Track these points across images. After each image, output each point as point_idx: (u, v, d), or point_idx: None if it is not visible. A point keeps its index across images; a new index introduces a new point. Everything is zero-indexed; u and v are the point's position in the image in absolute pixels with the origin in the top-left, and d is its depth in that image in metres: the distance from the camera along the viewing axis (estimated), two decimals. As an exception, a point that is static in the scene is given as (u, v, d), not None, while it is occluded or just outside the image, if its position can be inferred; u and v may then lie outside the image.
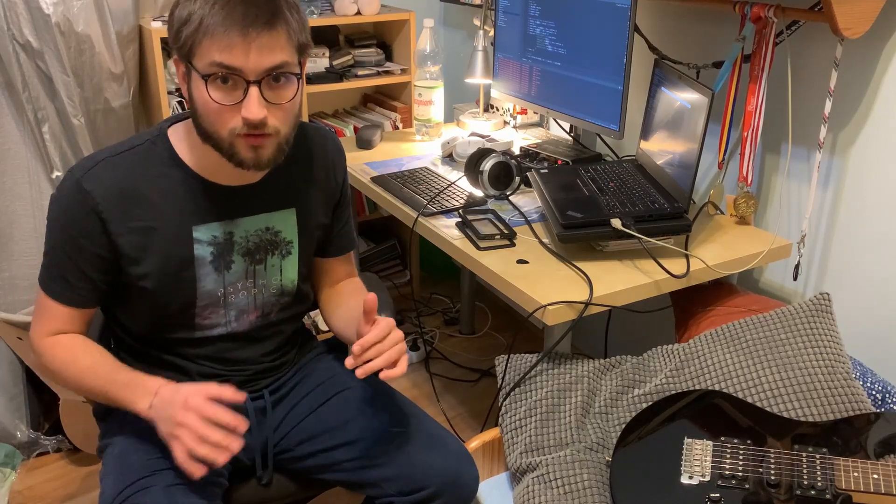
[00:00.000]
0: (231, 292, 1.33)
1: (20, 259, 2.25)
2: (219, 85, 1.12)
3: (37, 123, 2.19)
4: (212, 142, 1.18)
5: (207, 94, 1.12)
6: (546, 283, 1.52)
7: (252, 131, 1.15)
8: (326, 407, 1.41)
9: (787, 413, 1.33)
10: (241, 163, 1.18)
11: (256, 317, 1.37)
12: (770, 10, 1.61)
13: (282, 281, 1.37)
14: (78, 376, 1.26)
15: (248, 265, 1.33)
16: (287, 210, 1.35)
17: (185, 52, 1.14)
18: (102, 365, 1.26)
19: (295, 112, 1.21)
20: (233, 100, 1.13)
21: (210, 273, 1.30)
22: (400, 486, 1.31)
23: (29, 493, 2.05)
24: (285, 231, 1.36)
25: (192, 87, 1.16)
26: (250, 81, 1.12)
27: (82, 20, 2.14)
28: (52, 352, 1.27)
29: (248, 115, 1.12)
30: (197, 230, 1.27)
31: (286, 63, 1.14)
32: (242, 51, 1.10)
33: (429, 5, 2.92)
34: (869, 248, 1.65)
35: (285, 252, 1.37)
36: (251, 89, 1.12)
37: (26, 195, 2.24)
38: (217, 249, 1.29)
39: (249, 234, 1.32)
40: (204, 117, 1.16)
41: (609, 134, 1.95)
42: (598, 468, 1.34)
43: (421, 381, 2.53)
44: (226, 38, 1.09)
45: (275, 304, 1.38)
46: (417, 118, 2.41)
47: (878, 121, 1.59)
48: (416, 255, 3.02)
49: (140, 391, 1.20)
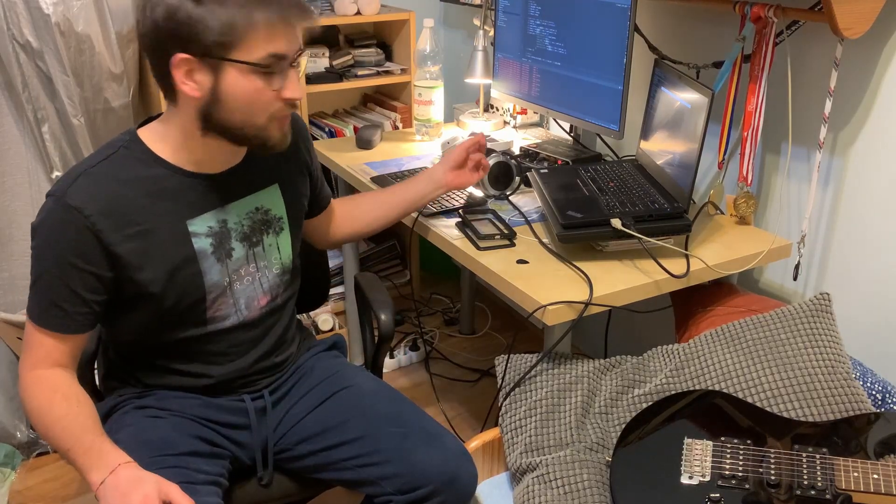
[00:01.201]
0: (235, 279, 1.33)
1: (20, 259, 2.25)
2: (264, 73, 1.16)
3: (37, 123, 2.19)
4: (237, 132, 1.20)
5: (258, 85, 1.16)
6: (546, 283, 1.52)
7: (291, 111, 1.22)
8: (326, 406, 1.42)
9: (787, 413, 1.33)
10: (270, 145, 1.23)
11: (266, 301, 1.38)
12: (770, 10, 1.61)
13: (281, 258, 1.39)
14: (48, 425, 1.20)
15: (247, 249, 1.34)
16: (271, 187, 1.38)
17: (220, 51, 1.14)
18: (75, 419, 1.20)
19: None
20: (277, 84, 1.18)
21: (214, 264, 1.30)
22: (399, 485, 1.31)
23: (29, 493, 2.05)
24: (274, 208, 1.38)
25: (226, 83, 1.16)
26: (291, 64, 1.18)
27: (82, 20, 2.14)
28: (33, 390, 1.22)
29: (294, 95, 1.19)
30: (192, 224, 1.27)
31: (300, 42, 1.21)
32: (292, 38, 1.18)
33: (429, 5, 2.92)
34: (869, 248, 1.65)
35: (278, 228, 1.38)
36: (291, 71, 1.19)
37: (26, 195, 2.24)
38: (216, 239, 1.30)
39: (242, 217, 1.33)
40: (239, 110, 1.18)
41: (609, 134, 1.95)
42: (598, 468, 1.34)
43: (421, 381, 2.53)
44: (280, 28, 1.15)
45: (279, 284, 1.40)
46: (417, 118, 2.41)
47: (878, 121, 1.59)
48: (416, 255, 3.02)
49: (98, 463, 1.15)
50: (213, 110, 1.18)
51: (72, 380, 1.25)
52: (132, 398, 1.36)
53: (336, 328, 2.66)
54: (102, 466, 1.15)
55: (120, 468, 1.14)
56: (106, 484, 1.13)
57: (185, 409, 1.35)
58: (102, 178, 1.21)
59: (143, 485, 1.12)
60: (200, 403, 1.36)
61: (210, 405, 1.37)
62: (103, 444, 1.18)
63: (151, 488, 1.12)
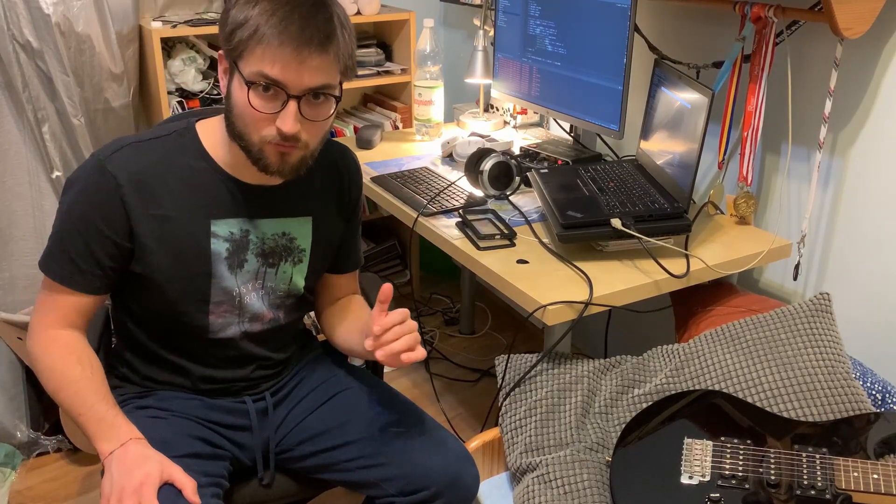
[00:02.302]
0: (244, 292, 1.33)
1: (20, 259, 2.25)
2: (260, 93, 1.14)
3: (37, 123, 2.19)
4: (241, 143, 1.20)
5: (247, 100, 1.14)
6: (546, 283, 1.52)
7: (283, 142, 1.17)
8: (327, 407, 1.41)
9: (787, 413, 1.33)
10: (266, 168, 1.20)
11: (269, 319, 1.37)
12: (770, 10, 1.61)
13: (289, 287, 1.38)
14: (60, 387, 1.22)
15: (259, 266, 1.33)
16: (304, 218, 1.36)
17: (233, 54, 1.14)
18: (89, 384, 1.22)
19: (326, 129, 1.23)
20: (271, 109, 1.15)
21: (225, 270, 1.30)
22: (400, 487, 1.31)
23: (29, 493, 2.05)
24: (300, 239, 1.36)
25: (233, 88, 1.17)
26: (291, 96, 1.13)
27: (82, 20, 2.14)
28: (48, 349, 1.24)
29: (282, 128, 1.15)
30: (215, 224, 1.27)
31: (328, 85, 1.16)
32: (293, 69, 1.12)
33: (429, 5, 2.91)
34: (869, 248, 1.65)
35: (297, 259, 1.37)
36: (290, 103, 1.14)
37: (26, 195, 2.24)
38: (233, 246, 1.29)
39: (266, 236, 1.32)
40: (239, 119, 1.17)
41: (609, 134, 1.95)
42: (598, 468, 1.34)
43: (421, 381, 2.53)
44: (279, 54, 1.11)
45: (281, 305, 1.38)
46: (417, 118, 2.41)
47: (878, 121, 1.59)
48: (416, 255, 3.02)
49: (110, 433, 1.18)
50: (227, 113, 1.20)
51: (84, 343, 1.27)
52: (133, 398, 1.36)
53: (336, 328, 2.66)
54: (113, 438, 1.18)
55: (130, 443, 1.18)
56: (114, 455, 1.16)
57: (186, 409, 1.35)
58: (147, 155, 1.24)
59: (148, 463, 1.15)
60: (201, 404, 1.36)
61: (211, 406, 1.37)
62: (116, 417, 1.20)
63: (154, 467, 1.15)
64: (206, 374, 1.36)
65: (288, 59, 1.11)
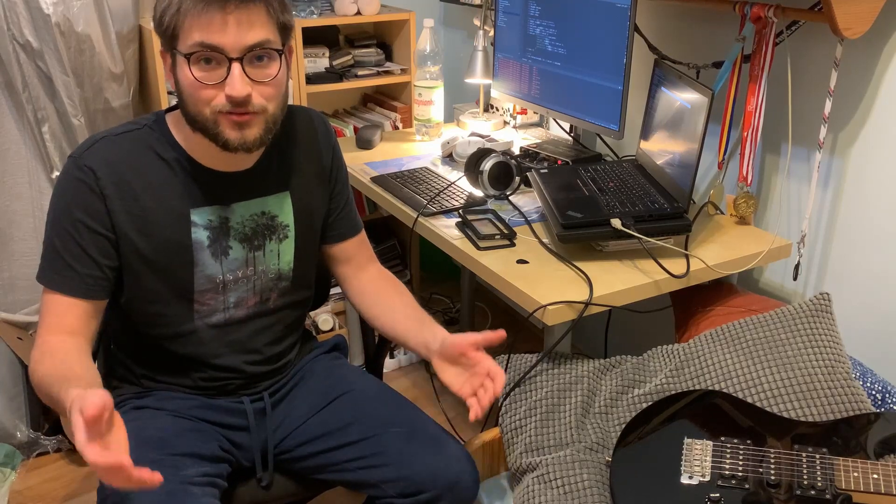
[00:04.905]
0: (231, 280, 1.33)
1: (20, 259, 2.26)
2: (202, 65, 1.14)
3: (37, 123, 2.19)
4: (198, 125, 1.19)
5: (191, 75, 1.14)
6: (546, 283, 1.52)
7: (236, 109, 1.16)
8: (327, 408, 1.41)
9: (787, 413, 1.33)
10: (227, 143, 1.19)
11: (255, 302, 1.37)
12: (770, 10, 1.61)
13: (279, 265, 1.38)
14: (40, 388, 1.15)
15: (247, 252, 1.33)
16: (281, 193, 1.36)
17: (169, 39, 1.16)
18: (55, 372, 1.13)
19: (282, 91, 1.22)
20: (216, 78, 1.14)
21: (208, 258, 1.30)
22: (401, 489, 1.31)
23: (29, 493, 2.05)
24: (281, 215, 1.36)
25: (178, 73, 1.17)
26: (232, 59, 1.13)
27: (82, 20, 2.14)
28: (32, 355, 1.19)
29: (231, 92, 1.14)
30: (194, 213, 1.28)
31: (268, 40, 1.16)
32: (221, 27, 1.12)
33: (429, 5, 2.92)
34: (869, 248, 1.65)
35: (282, 236, 1.37)
36: (234, 66, 1.14)
37: (26, 195, 2.24)
38: (213, 234, 1.30)
39: (245, 219, 1.32)
40: (188, 98, 1.17)
41: (609, 134, 1.95)
42: (598, 468, 1.34)
43: (421, 381, 2.53)
44: (205, 16, 1.11)
45: (272, 288, 1.38)
46: (417, 118, 2.41)
47: (878, 121, 1.59)
48: (416, 255, 3.02)
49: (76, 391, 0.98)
50: (181, 102, 1.21)
51: (71, 344, 1.19)
52: (131, 398, 1.36)
53: (336, 328, 2.66)
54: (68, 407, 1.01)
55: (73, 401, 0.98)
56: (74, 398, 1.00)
57: (184, 409, 1.35)
58: (120, 148, 1.24)
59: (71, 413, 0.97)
60: (199, 404, 1.36)
61: (208, 406, 1.37)
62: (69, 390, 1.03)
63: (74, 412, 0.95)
64: (196, 366, 1.35)
65: (215, 18, 1.11)
